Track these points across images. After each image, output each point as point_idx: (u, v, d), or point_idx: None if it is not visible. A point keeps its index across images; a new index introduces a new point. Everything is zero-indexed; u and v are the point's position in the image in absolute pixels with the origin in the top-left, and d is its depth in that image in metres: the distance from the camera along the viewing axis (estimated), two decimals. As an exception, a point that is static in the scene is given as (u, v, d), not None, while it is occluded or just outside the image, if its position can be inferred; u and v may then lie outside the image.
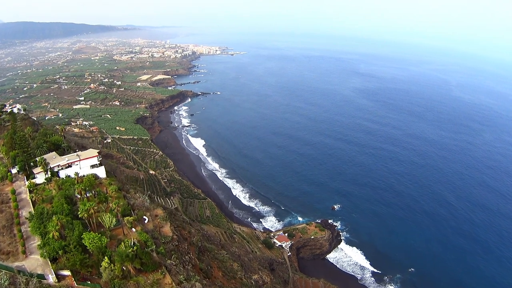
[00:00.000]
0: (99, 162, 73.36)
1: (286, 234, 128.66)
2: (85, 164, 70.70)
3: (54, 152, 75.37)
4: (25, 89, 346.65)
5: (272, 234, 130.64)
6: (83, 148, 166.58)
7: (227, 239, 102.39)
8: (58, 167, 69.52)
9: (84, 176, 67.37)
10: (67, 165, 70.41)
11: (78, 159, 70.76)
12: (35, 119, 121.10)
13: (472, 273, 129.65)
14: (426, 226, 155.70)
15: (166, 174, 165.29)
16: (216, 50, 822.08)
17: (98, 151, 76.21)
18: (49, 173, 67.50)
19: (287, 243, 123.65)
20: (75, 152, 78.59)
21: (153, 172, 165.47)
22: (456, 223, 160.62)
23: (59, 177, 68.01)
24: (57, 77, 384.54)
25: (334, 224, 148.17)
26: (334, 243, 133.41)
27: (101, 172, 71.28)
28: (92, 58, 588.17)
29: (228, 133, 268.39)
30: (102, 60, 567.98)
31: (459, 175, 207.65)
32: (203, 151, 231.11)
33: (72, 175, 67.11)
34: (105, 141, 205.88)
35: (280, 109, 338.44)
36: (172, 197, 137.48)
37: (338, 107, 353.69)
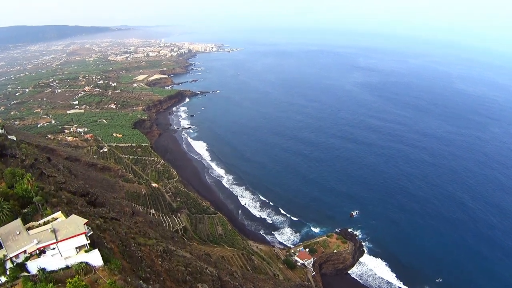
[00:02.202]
0: (89, 242, 44.27)
1: (307, 250, 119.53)
2: (66, 247, 42.64)
3: (18, 221, 44.87)
4: (17, 94, 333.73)
5: (292, 251, 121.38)
6: (75, 160, 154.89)
7: (246, 263, 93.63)
8: (25, 253, 41.03)
9: (68, 267, 41.17)
10: (37, 250, 41.29)
11: (55, 240, 41.65)
12: (15, 138, 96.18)
13: (498, 280, 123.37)
14: (445, 231, 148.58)
15: (170, 186, 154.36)
16: (212, 48, 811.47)
17: (86, 221, 45.85)
18: (8, 269, 39.85)
19: (309, 260, 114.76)
20: (54, 207, 50.82)
21: (156, 184, 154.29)
22: (475, 226, 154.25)
23: (28, 271, 40.25)
24: (50, 80, 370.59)
25: (355, 233, 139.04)
26: (357, 255, 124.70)
27: (94, 259, 43.46)
28: (87, 60, 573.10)
29: (229, 135, 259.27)
30: (96, 61, 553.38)
31: (472, 173, 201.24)
32: (206, 155, 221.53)
33: (48, 268, 40.50)
34: (101, 151, 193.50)
35: (281, 107, 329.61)
36: (179, 214, 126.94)
37: (340, 103, 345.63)
